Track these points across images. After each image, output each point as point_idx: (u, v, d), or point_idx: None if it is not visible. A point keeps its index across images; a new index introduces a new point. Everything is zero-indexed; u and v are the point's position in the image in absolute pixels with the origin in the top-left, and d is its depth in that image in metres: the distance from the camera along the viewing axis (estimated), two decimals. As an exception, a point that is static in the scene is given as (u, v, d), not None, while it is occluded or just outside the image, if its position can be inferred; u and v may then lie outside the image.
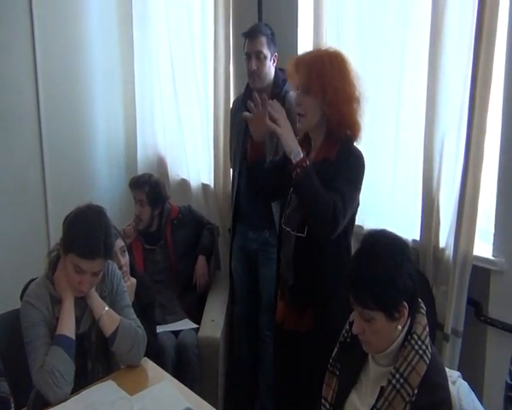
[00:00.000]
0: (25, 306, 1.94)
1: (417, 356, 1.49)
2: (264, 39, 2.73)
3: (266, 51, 2.72)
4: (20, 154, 3.31)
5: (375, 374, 1.59)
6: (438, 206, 2.29)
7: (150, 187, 3.04)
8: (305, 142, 2.15)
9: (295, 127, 2.11)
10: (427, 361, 1.49)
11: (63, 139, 3.47)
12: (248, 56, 2.75)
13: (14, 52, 3.23)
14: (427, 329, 1.56)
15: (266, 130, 2.11)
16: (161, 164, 3.78)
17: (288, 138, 2.01)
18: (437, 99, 2.22)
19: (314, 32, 2.63)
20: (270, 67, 2.75)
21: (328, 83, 1.98)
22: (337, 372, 1.70)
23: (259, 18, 3.00)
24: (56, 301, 1.95)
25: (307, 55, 2.11)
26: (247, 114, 2.17)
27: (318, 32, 2.61)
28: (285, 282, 2.20)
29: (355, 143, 2.09)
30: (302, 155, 1.97)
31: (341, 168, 2.01)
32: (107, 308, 1.98)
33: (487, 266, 2.22)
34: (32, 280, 2.05)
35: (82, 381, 1.93)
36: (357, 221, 2.48)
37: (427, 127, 2.27)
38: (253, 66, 2.72)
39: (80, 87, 3.54)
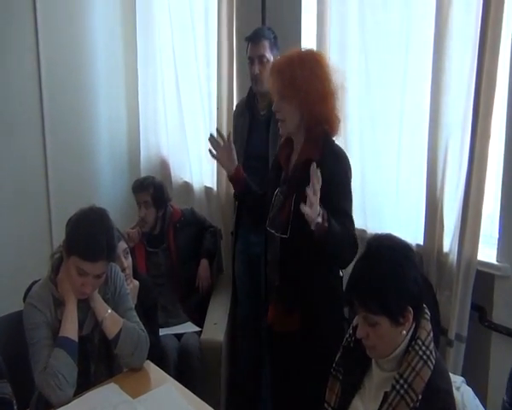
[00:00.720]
0: (28, 308, 1.93)
1: (421, 362, 1.49)
2: (266, 43, 2.73)
3: (269, 55, 2.72)
4: (23, 157, 3.32)
5: (378, 379, 1.58)
6: (442, 210, 2.29)
7: (155, 188, 3.05)
8: (287, 144, 2.18)
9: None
10: (432, 367, 1.49)
11: (66, 142, 3.48)
12: (251, 60, 2.75)
13: (18, 57, 3.24)
14: (432, 334, 1.55)
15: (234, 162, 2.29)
16: (164, 167, 3.78)
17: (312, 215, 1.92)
18: (441, 104, 2.21)
19: (317, 35, 2.64)
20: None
21: (298, 86, 2.00)
22: (340, 377, 1.70)
23: (263, 22, 3.01)
24: (59, 304, 1.95)
25: (280, 60, 2.13)
26: (213, 153, 2.31)
27: (321, 35, 2.61)
28: (272, 283, 2.22)
29: (335, 138, 2.12)
30: (319, 221, 1.91)
31: (334, 180, 2.00)
32: (110, 311, 1.98)
33: (491, 271, 2.21)
34: (35, 282, 2.05)
35: (84, 383, 1.93)
36: (361, 225, 2.50)
37: (430, 132, 2.27)
38: (256, 70, 2.73)
39: (84, 91, 3.55)
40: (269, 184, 2.24)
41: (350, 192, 2.08)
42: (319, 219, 1.88)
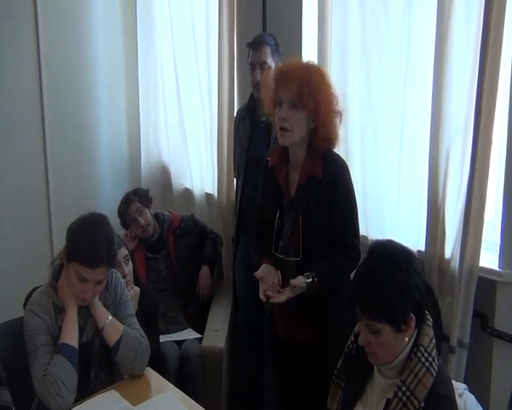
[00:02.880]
0: (28, 314, 1.93)
1: (424, 368, 1.48)
2: (268, 49, 2.73)
3: (270, 61, 2.73)
4: (24, 163, 3.32)
5: (380, 386, 1.57)
6: (443, 217, 2.28)
7: (136, 194, 3.06)
8: (282, 159, 2.10)
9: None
10: (434, 374, 1.48)
11: (67, 149, 3.49)
12: (253, 67, 2.76)
13: (19, 63, 3.25)
14: (434, 341, 1.54)
15: None
16: (165, 173, 3.79)
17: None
18: (442, 109, 2.21)
19: (318, 41, 2.64)
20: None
21: (320, 97, 1.96)
22: (342, 384, 1.69)
23: (264, 28, 3.01)
24: (59, 310, 1.94)
25: (291, 67, 2.04)
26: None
27: (323, 41, 2.62)
28: (286, 309, 2.11)
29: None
30: (308, 281, 1.98)
31: (338, 195, 2.00)
32: (110, 317, 1.97)
33: (493, 278, 2.20)
34: (36, 289, 2.04)
35: (85, 390, 1.92)
36: (362, 232, 2.48)
37: (432, 138, 2.26)
38: (258, 76, 2.73)
39: (84, 98, 3.56)
40: (269, 205, 2.15)
41: (354, 202, 2.07)
42: (306, 282, 1.97)
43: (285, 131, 2.00)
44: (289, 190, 2.09)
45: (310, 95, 1.95)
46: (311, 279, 1.99)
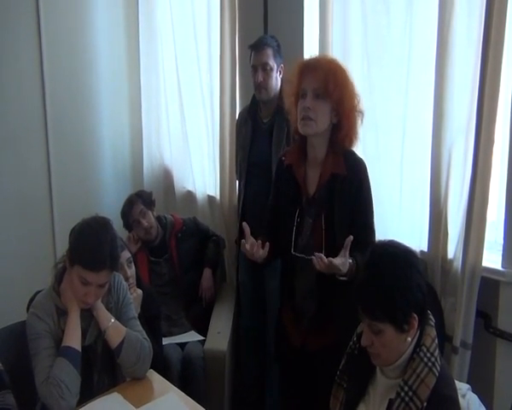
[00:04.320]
0: (31, 317, 1.93)
1: (426, 368, 1.47)
2: (270, 51, 2.74)
3: (272, 63, 2.73)
4: (27, 167, 3.33)
5: (383, 386, 1.57)
6: (446, 217, 2.28)
7: (140, 196, 3.07)
8: (300, 154, 2.07)
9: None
10: (437, 374, 1.47)
11: (70, 153, 3.50)
12: (255, 69, 2.76)
13: (22, 70, 3.26)
14: (437, 341, 1.54)
15: None
16: (167, 176, 3.79)
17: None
18: (444, 109, 2.21)
19: (320, 42, 2.64)
20: (277, 79, 2.76)
21: (345, 91, 1.95)
22: (344, 385, 1.69)
23: (265, 30, 3.02)
24: (62, 313, 1.95)
25: (318, 58, 2.05)
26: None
27: (324, 43, 2.62)
28: (303, 313, 2.08)
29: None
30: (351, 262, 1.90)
31: (362, 195, 1.98)
32: (113, 320, 1.97)
33: (496, 278, 2.19)
34: (39, 292, 2.05)
35: (87, 393, 1.92)
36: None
37: (434, 137, 2.26)
38: (260, 78, 2.73)
39: (87, 101, 3.56)
40: (285, 204, 2.11)
41: (372, 202, 2.05)
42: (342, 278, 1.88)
43: (308, 120, 1.96)
44: (308, 188, 2.05)
45: (335, 86, 1.93)
46: (351, 261, 1.89)
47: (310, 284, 2.03)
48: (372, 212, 2.05)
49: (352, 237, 1.86)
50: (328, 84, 1.93)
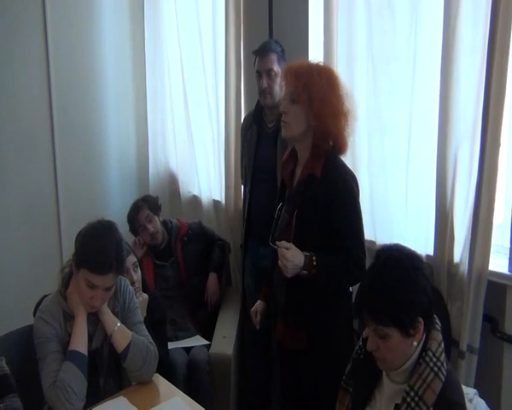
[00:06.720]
0: (38, 322, 1.94)
1: (432, 373, 1.47)
2: (274, 56, 2.74)
3: (277, 68, 2.73)
4: (34, 171, 3.35)
5: (389, 391, 1.57)
6: (452, 220, 2.27)
7: (146, 201, 3.08)
8: (291, 158, 2.16)
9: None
10: (443, 379, 1.47)
11: (76, 158, 3.51)
12: (259, 74, 2.76)
13: (29, 74, 3.28)
14: (443, 345, 1.53)
15: None
16: (173, 181, 3.80)
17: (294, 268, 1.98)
18: (450, 112, 2.20)
19: (324, 46, 2.64)
20: (281, 84, 2.76)
21: (315, 94, 1.97)
22: (350, 390, 1.68)
23: (270, 35, 3.02)
24: (69, 317, 1.96)
25: (296, 64, 2.08)
26: None
27: (329, 47, 2.62)
28: (278, 302, 2.19)
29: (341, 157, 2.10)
30: (305, 272, 1.96)
31: (337, 198, 1.98)
32: (119, 324, 1.98)
33: (503, 282, 2.18)
34: (45, 296, 2.06)
35: (94, 397, 1.93)
36: (370, 236, 2.48)
37: (440, 141, 2.25)
38: (264, 83, 2.73)
39: (93, 107, 3.58)
40: (278, 195, 2.24)
41: (356, 208, 2.04)
42: (304, 272, 1.95)
43: (284, 124, 2.06)
44: (292, 185, 2.14)
45: (304, 89, 1.98)
46: (308, 254, 1.95)
47: (281, 275, 2.07)
48: (352, 219, 2.03)
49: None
50: (297, 88, 1.99)
